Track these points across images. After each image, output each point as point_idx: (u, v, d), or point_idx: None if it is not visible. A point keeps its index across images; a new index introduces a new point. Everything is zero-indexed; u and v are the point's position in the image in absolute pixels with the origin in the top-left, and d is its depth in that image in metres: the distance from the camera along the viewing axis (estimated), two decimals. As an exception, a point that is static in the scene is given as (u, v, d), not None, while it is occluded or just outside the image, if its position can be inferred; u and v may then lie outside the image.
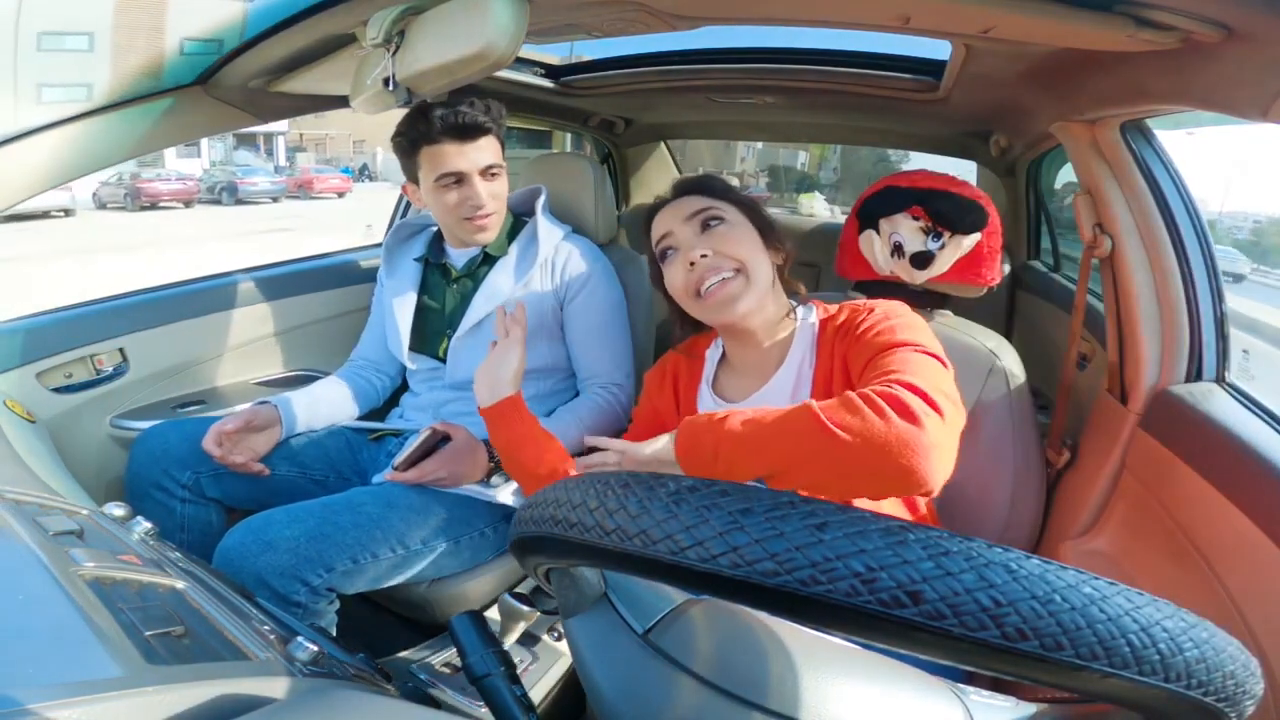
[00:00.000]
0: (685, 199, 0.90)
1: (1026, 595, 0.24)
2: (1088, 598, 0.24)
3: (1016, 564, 0.25)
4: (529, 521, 0.37)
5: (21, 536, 0.45)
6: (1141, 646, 0.24)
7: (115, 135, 0.90)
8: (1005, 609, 0.24)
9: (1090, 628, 0.24)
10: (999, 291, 1.49)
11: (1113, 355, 1.00)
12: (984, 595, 0.24)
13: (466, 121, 1.09)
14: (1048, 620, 0.24)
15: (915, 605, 0.24)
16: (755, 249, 0.85)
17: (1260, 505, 0.70)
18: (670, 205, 0.91)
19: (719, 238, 0.85)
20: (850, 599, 0.25)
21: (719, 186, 0.92)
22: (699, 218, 0.87)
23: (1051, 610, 0.24)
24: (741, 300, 0.82)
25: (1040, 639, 0.24)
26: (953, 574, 0.24)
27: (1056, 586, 0.24)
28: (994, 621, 0.24)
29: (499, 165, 1.15)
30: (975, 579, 0.24)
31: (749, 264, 0.83)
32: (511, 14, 0.63)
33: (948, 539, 0.25)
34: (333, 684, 0.42)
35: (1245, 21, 0.56)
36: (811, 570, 0.25)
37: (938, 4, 0.71)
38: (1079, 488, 1.01)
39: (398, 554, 0.97)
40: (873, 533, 0.26)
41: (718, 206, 0.87)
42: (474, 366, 1.18)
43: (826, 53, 1.27)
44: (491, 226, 1.18)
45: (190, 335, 1.27)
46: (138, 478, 1.06)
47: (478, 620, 0.50)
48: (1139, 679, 0.24)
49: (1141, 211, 0.93)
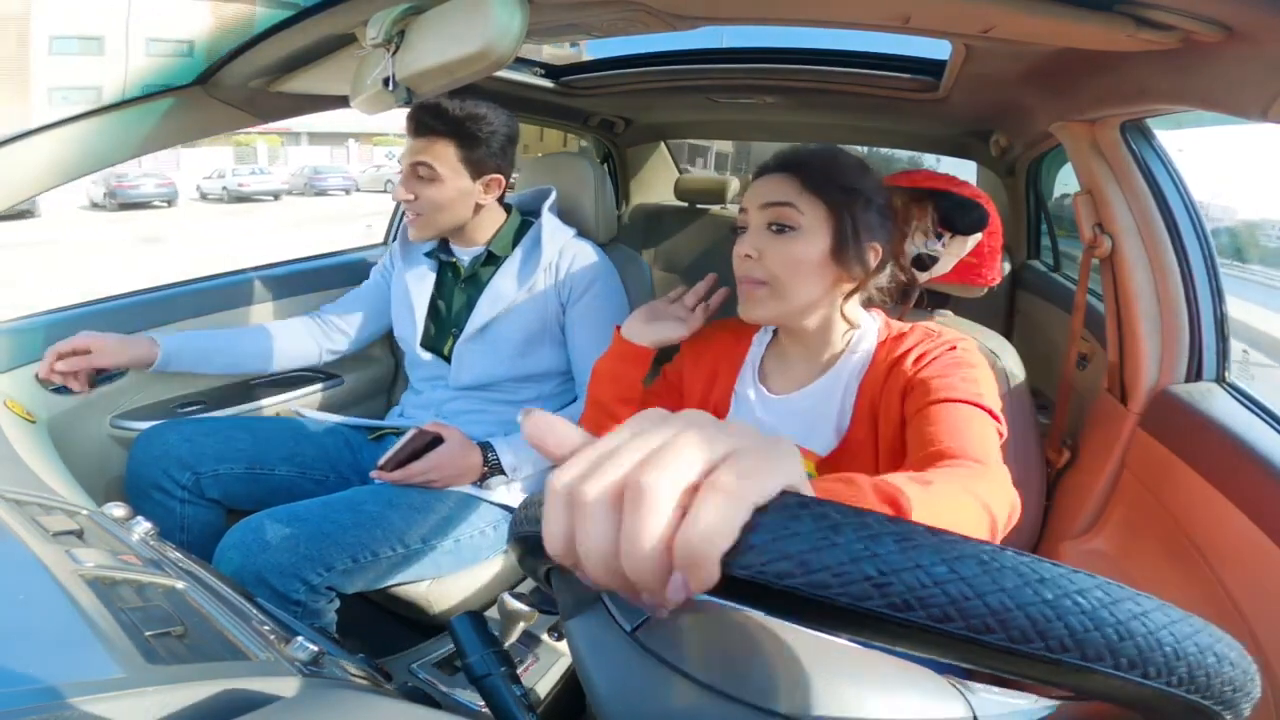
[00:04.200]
0: (781, 177, 0.79)
1: (1037, 599, 0.24)
2: (1078, 593, 0.24)
3: (1033, 566, 0.25)
4: (529, 520, 0.37)
5: (21, 536, 0.45)
6: (1148, 649, 0.24)
7: (115, 135, 0.90)
8: (1014, 612, 0.24)
9: (1099, 630, 0.24)
10: (999, 291, 1.48)
11: (1113, 355, 1.00)
12: (993, 598, 0.24)
13: (418, 116, 1.10)
14: (1056, 624, 0.24)
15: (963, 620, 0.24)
16: (806, 271, 0.77)
17: (1260, 505, 0.70)
18: (768, 177, 0.81)
19: (776, 246, 0.77)
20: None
21: (819, 177, 0.78)
22: (772, 214, 0.78)
23: (1060, 614, 0.24)
24: (758, 310, 0.79)
25: (1046, 641, 0.24)
26: (960, 574, 0.24)
27: (1068, 589, 0.24)
28: (1000, 625, 0.24)
29: (429, 168, 1.10)
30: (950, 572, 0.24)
31: (787, 285, 0.77)
32: (511, 14, 0.63)
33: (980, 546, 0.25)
34: (332, 684, 0.42)
35: (1245, 21, 0.56)
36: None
37: (938, 4, 0.71)
38: (1079, 487, 1.01)
39: (398, 553, 0.97)
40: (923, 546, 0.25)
41: (799, 207, 0.77)
42: (478, 370, 1.20)
43: (826, 52, 1.27)
44: (416, 226, 1.14)
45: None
46: (137, 478, 1.06)
47: (478, 620, 0.50)
48: (1143, 681, 0.24)
49: (1141, 211, 0.93)
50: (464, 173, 1.12)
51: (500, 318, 1.16)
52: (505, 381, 1.20)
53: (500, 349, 1.18)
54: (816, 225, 0.77)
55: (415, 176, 1.12)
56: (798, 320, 0.81)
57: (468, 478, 1.08)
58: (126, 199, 16.37)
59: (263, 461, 1.11)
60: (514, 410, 1.21)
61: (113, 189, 16.42)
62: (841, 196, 0.77)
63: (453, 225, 1.17)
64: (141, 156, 0.99)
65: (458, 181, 1.12)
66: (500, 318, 1.16)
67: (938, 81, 1.18)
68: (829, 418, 0.81)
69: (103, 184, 16.80)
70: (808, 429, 0.82)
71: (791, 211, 0.77)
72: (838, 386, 0.81)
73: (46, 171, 0.87)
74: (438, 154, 1.10)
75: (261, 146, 26.68)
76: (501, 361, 1.18)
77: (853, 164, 0.81)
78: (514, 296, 1.16)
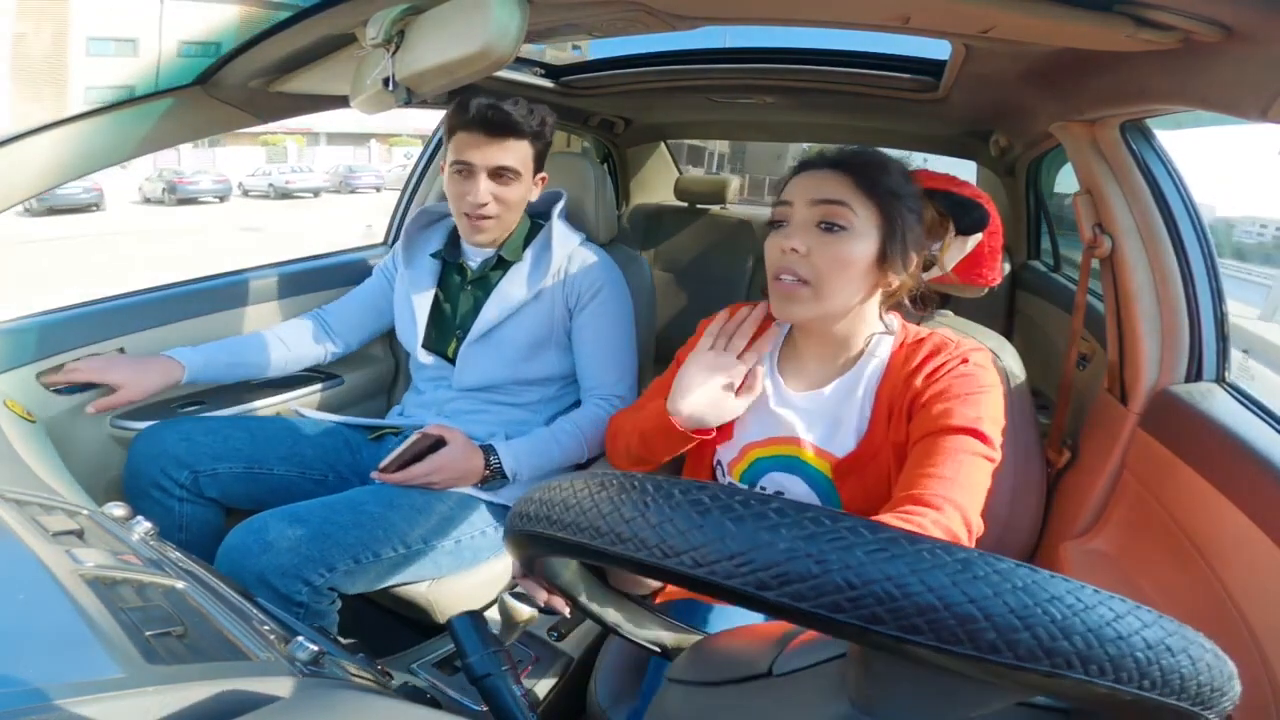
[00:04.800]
0: (833, 174, 0.77)
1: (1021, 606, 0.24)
2: (1057, 598, 0.24)
3: (1031, 574, 0.25)
4: (525, 518, 0.37)
5: (21, 536, 0.45)
6: (1120, 655, 0.24)
7: (115, 135, 0.90)
8: (984, 623, 0.24)
9: (1068, 639, 0.24)
10: (999, 291, 1.49)
11: (1113, 355, 1.00)
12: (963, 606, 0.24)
13: (496, 118, 1.08)
14: (1023, 634, 0.24)
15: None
16: (852, 273, 0.75)
17: (1260, 505, 0.70)
18: (817, 173, 0.78)
19: (824, 244, 0.75)
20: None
21: (872, 179, 0.76)
22: (823, 211, 0.76)
23: (1027, 620, 0.24)
24: (797, 310, 0.77)
25: (1014, 651, 0.24)
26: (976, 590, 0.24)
27: (1039, 597, 0.24)
28: (968, 636, 0.24)
29: (514, 171, 1.12)
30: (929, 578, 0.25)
31: (830, 285, 0.75)
32: (511, 14, 0.63)
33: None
34: (333, 684, 0.42)
35: (1245, 21, 0.56)
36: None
37: (938, 4, 0.71)
38: (1079, 487, 1.01)
39: (399, 553, 0.97)
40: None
41: (852, 207, 0.75)
42: (482, 372, 1.20)
43: (826, 52, 1.27)
44: (488, 229, 1.15)
45: (190, 335, 1.26)
46: (136, 476, 1.06)
47: (478, 620, 0.50)
48: (1119, 687, 0.24)
49: (1141, 211, 0.93)
50: (532, 171, 1.16)
51: (507, 321, 1.17)
52: (509, 384, 1.20)
53: (505, 352, 1.18)
54: (867, 227, 0.75)
55: (496, 180, 1.12)
56: (830, 324, 0.80)
57: (469, 480, 1.08)
58: (185, 194, 17.22)
59: (261, 461, 1.11)
60: (516, 412, 1.21)
61: (172, 184, 17.26)
62: (892, 201, 0.76)
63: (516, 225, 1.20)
64: (140, 156, 0.99)
65: (529, 180, 1.16)
66: (507, 321, 1.17)
67: (938, 81, 1.18)
68: (847, 420, 0.80)
69: (159, 180, 17.63)
70: (827, 431, 0.81)
71: (845, 210, 0.75)
72: (856, 389, 0.80)
73: (46, 172, 0.87)
74: (521, 158, 1.13)
75: (291, 146, 28.05)
76: (506, 364, 1.18)
77: (900, 169, 0.79)
78: (522, 300, 1.16)
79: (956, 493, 0.66)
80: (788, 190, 0.79)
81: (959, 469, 0.68)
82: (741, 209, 2.39)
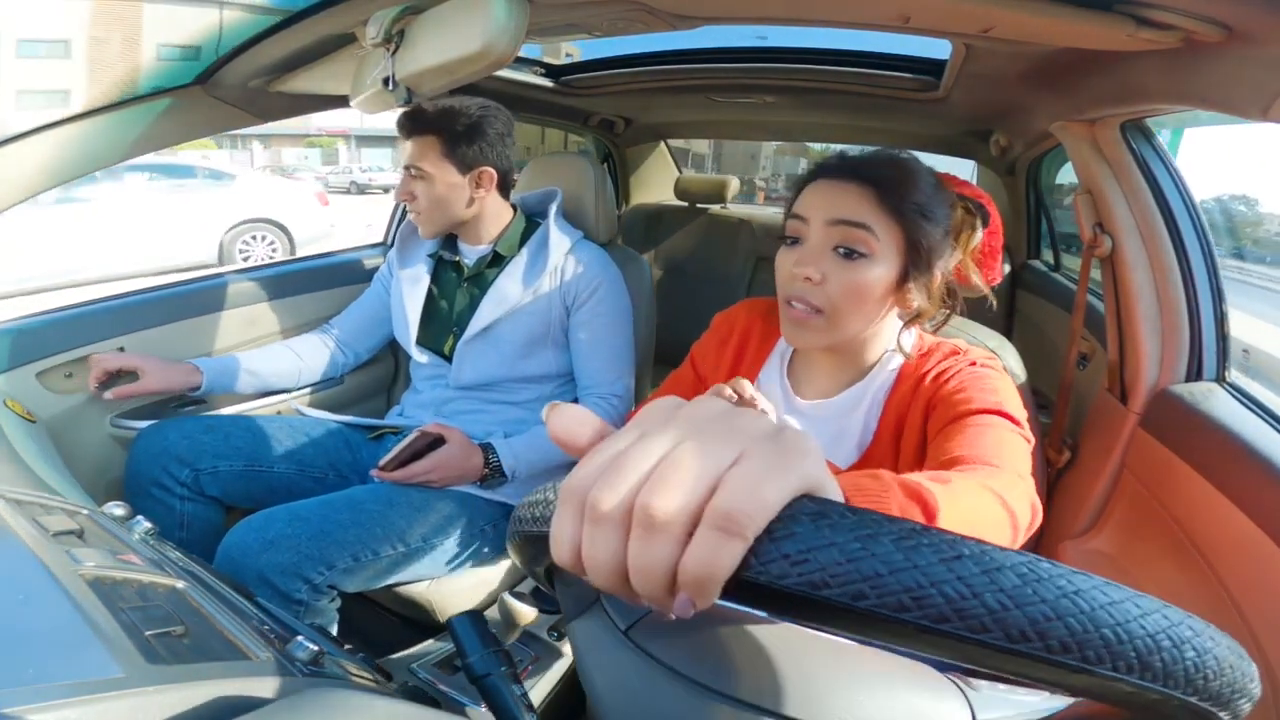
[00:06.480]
0: (852, 188, 0.69)
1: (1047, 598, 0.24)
2: (1070, 592, 0.24)
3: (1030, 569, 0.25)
4: (530, 520, 0.37)
5: (21, 536, 0.45)
6: (1146, 652, 0.24)
7: (115, 135, 0.90)
8: (1013, 612, 0.24)
9: (1098, 631, 0.24)
10: (999, 291, 1.49)
11: (1113, 355, 1.00)
12: (992, 597, 0.24)
13: (400, 120, 1.13)
14: (1056, 624, 0.24)
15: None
16: (868, 301, 0.70)
17: (1260, 505, 0.70)
18: (834, 184, 0.70)
19: (842, 272, 0.69)
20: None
21: (897, 193, 0.68)
22: (842, 235, 0.69)
23: (1060, 614, 0.24)
24: (809, 338, 0.73)
25: (1045, 641, 0.24)
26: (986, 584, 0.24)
27: (1067, 590, 0.24)
28: (998, 624, 0.24)
29: (417, 168, 1.13)
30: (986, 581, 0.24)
31: (845, 315, 0.70)
32: (511, 14, 0.63)
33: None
34: (333, 684, 0.42)
35: (1245, 21, 0.56)
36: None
37: (938, 3, 0.71)
38: (1079, 487, 1.01)
39: (398, 551, 0.98)
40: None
41: (874, 231, 0.68)
42: (479, 369, 1.20)
43: (826, 52, 1.27)
44: (420, 224, 1.19)
45: (190, 335, 1.27)
46: (137, 475, 1.06)
47: (478, 620, 0.50)
48: (1142, 684, 0.24)
49: (1142, 211, 0.93)
50: (450, 168, 1.14)
51: (503, 319, 1.17)
52: (505, 382, 1.20)
53: (502, 350, 1.18)
54: (889, 252, 0.69)
55: (409, 177, 1.15)
56: (842, 343, 0.76)
57: (468, 478, 1.08)
58: (362, 185, 19.48)
59: (262, 459, 1.11)
60: (514, 410, 1.21)
61: (358, 183, 19.59)
62: (918, 219, 0.69)
63: (453, 220, 1.19)
64: (140, 156, 0.99)
65: (446, 177, 1.14)
66: (503, 319, 1.17)
67: (938, 81, 1.18)
68: (852, 432, 0.78)
69: (344, 174, 20.29)
70: (831, 441, 0.79)
71: (866, 235, 0.68)
72: (864, 400, 0.78)
73: (46, 171, 0.87)
74: (424, 153, 1.13)
75: (342, 148, 29.75)
76: (502, 362, 1.18)
77: (930, 179, 0.72)
78: (518, 298, 1.16)
79: (992, 457, 0.60)
80: (802, 202, 0.72)
81: (987, 439, 0.62)
82: (741, 209, 2.39)
